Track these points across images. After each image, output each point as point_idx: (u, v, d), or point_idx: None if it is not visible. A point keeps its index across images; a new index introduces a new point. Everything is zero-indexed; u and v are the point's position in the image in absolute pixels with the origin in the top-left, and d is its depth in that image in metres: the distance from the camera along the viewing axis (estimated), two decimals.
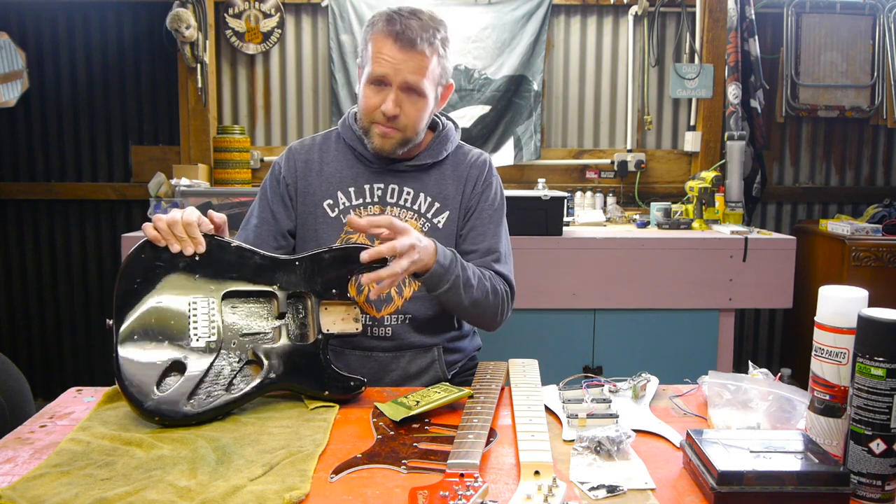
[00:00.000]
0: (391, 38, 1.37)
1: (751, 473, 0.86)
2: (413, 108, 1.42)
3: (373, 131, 1.44)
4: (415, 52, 1.38)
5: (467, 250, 1.50)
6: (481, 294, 1.40)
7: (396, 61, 1.37)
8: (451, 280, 1.33)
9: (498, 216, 1.55)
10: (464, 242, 1.51)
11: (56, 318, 3.58)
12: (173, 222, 1.17)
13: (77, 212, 3.52)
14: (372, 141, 1.45)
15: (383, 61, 1.38)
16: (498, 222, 1.54)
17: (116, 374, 1.10)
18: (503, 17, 3.32)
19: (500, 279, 1.48)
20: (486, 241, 1.51)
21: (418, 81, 1.39)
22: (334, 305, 1.26)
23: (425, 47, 1.38)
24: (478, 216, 1.52)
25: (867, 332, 0.88)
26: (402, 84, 1.39)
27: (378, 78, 1.40)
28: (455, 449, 0.96)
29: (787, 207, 3.68)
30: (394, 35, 1.37)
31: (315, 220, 1.51)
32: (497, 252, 1.51)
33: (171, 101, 3.41)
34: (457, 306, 1.40)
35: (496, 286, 1.45)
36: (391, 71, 1.38)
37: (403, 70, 1.38)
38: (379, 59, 1.38)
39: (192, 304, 1.17)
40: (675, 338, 2.78)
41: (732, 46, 3.30)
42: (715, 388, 1.14)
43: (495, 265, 1.49)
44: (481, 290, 1.40)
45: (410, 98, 1.41)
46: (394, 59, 1.37)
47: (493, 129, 3.38)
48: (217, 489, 0.89)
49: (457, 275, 1.34)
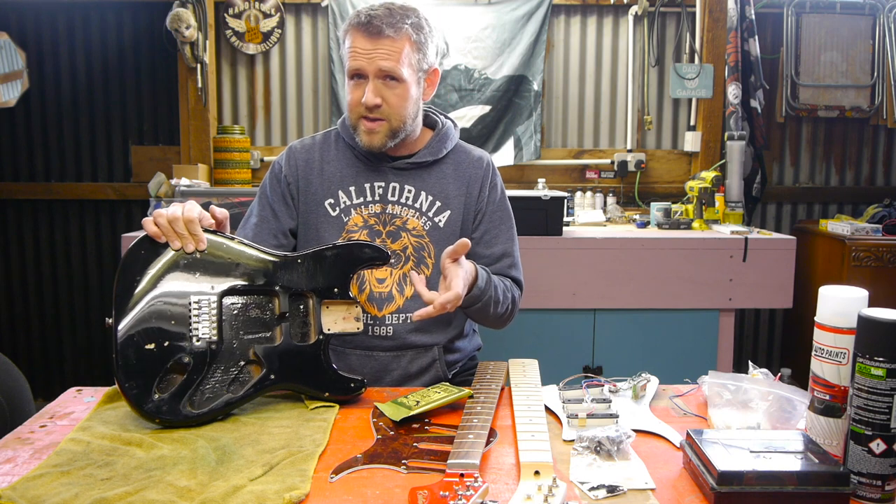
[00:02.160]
0: (360, 31, 1.41)
1: (751, 473, 0.86)
2: (393, 95, 1.43)
3: (359, 129, 1.46)
4: (383, 38, 1.40)
5: (481, 254, 1.54)
6: (504, 308, 1.50)
7: (367, 51, 1.40)
8: (483, 300, 1.42)
9: (506, 216, 1.59)
10: (477, 246, 1.55)
11: (56, 318, 3.58)
12: (174, 218, 1.15)
13: (77, 212, 3.52)
14: (360, 139, 1.46)
15: (356, 54, 1.41)
16: (508, 223, 1.59)
17: (116, 375, 1.10)
18: (503, 17, 3.32)
19: (516, 286, 1.56)
20: (499, 245, 1.55)
21: (393, 67, 1.40)
22: (335, 304, 1.25)
23: (392, 32, 1.40)
24: (489, 219, 1.56)
25: (867, 332, 0.88)
26: (378, 72, 1.41)
27: (355, 71, 1.43)
28: (455, 449, 0.96)
29: (787, 207, 3.68)
30: (362, 27, 1.40)
31: (316, 220, 1.51)
32: (511, 256, 1.57)
33: (171, 101, 3.41)
34: (480, 318, 1.51)
35: (514, 295, 1.54)
36: (365, 62, 1.40)
37: (376, 58, 1.40)
38: (353, 53, 1.42)
39: (193, 303, 1.16)
40: (675, 338, 2.78)
41: (732, 46, 3.30)
42: (715, 388, 1.14)
43: (511, 271, 1.56)
44: (504, 305, 1.49)
45: (389, 86, 1.42)
46: (364, 49, 1.40)
47: (493, 129, 3.38)
48: (217, 489, 0.89)
49: (489, 296, 1.42)
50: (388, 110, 1.43)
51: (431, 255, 1.50)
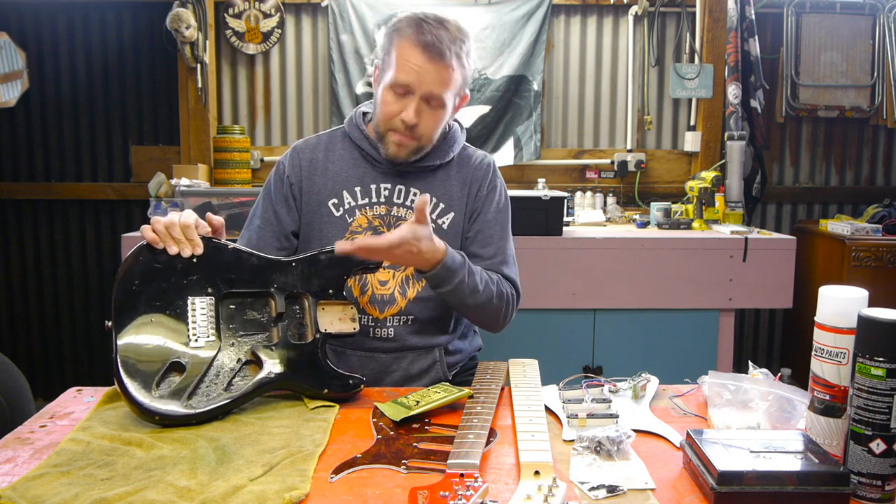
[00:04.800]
0: (420, 48, 1.36)
1: (751, 473, 0.86)
2: (432, 118, 1.42)
3: (388, 139, 1.44)
4: (442, 64, 1.37)
5: (475, 253, 1.51)
6: (486, 298, 1.42)
7: (423, 71, 1.36)
8: (454, 283, 1.34)
9: (504, 219, 1.56)
10: (471, 245, 1.52)
11: (56, 318, 3.58)
12: (171, 224, 1.17)
13: (77, 212, 3.52)
14: (387, 148, 1.45)
15: (410, 70, 1.37)
16: (504, 225, 1.56)
17: (116, 377, 1.11)
18: (503, 17, 3.32)
19: (508, 283, 1.50)
20: (493, 245, 1.52)
21: (442, 92, 1.39)
22: (331, 305, 1.26)
23: (453, 60, 1.37)
24: (484, 219, 1.53)
25: (867, 332, 0.88)
26: (426, 94, 1.39)
27: (402, 85, 1.39)
28: (455, 449, 0.96)
29: (787, 207, 3.68)
30: (423, 44, 1.36)
31: (320, 220, 1.51)
32: (504, 255, 1.53)
33: (171, 101, 3.41)
34: (460, 307, 1.43)
35: (502, 290, 1.47)
36: (416, 80, 1.37)
37: (429, 81, 1.37)
38: (406, 67, 1.37)
39: (191, 306, 1.18)
40: (675, 338, 2.78)
41: (732, 46, 3.30)
42: (715, 388, 1.14)
43: (503, 268, 1.51)
44: (486, 294, 1.42)
45: (430, 108, 1.41)
46: (421, 68, 1.36)
47: (493, 129, 3.38)
48: (217, 489, 0.89)
49: (461, 279, 1.35)
50: (422, 131, 1.42)
51: None
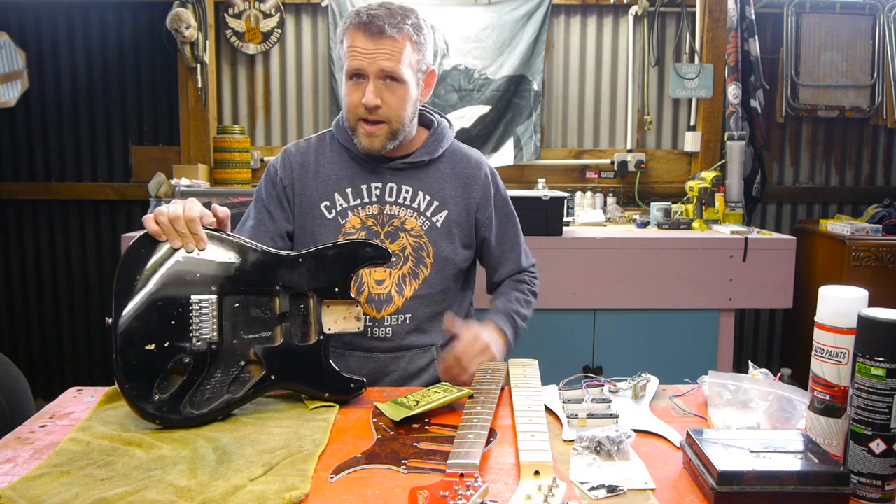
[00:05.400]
0: (361, 30, 1.39)
1: (751, 473, 0.86)
2: (394, 97, 1.42)
3: (358, 131, 1.45)
4: (385, 39, 1.39)
5: (503, 262, 1.65)
6: (532, 311, 1.64)
7: (368, 50, 1.39)
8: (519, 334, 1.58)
9: (511, 212, 1.66)
10: (500, 255, 1.65)
11: (56, 318, 3.58)
12: (175, 217, 1.14)
13: (77, 212, 3.52)
14: (359, 142, 1.45)
15: (357, 54, 1.40)
16: (514, 220, 1.66)
17: (116, 375, 1.10)
18: (503, 17, 3.32)
19: (528, 274, 1.69)
20: (515, 251, 1.66)
21: (394, 67, 1.40)
22: (336, 304, 1.25)
23: (394, 32, 1.39)
24: (499, 222, 1.62)
25: (867, 332, 0.88)
26: (379, 72, 1.40)
27: (355, 71, 1.41)
28: (455, 449, 0.96)
29: (787, 207, 3.68)
30: (363, 26, 1.39)
31: (312, 223, 1.50)
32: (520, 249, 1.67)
33: (171, 101, 3.41)
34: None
35: (533, 291, 1.68)
36: (366, 62, 1.39)
37: (377, 58, 1.39)
38: (353, 53, 1.40)
39: (193, 303, 1.15)
40: (675, 338, 2.78)
41: (732, 46, 3.30)
42: (715, 388, 1.14)
43: (522, 261, 1.67)
44: (531, 309, 1.64)
45: (390, 87, 1.41)
46: (366, 48, 1.39)
47: (493, 129, 3.38)
48: (217, 489, 0.89)
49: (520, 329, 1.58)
50: (387, 112, 1.42)
51: (430, 255, 1.50)
